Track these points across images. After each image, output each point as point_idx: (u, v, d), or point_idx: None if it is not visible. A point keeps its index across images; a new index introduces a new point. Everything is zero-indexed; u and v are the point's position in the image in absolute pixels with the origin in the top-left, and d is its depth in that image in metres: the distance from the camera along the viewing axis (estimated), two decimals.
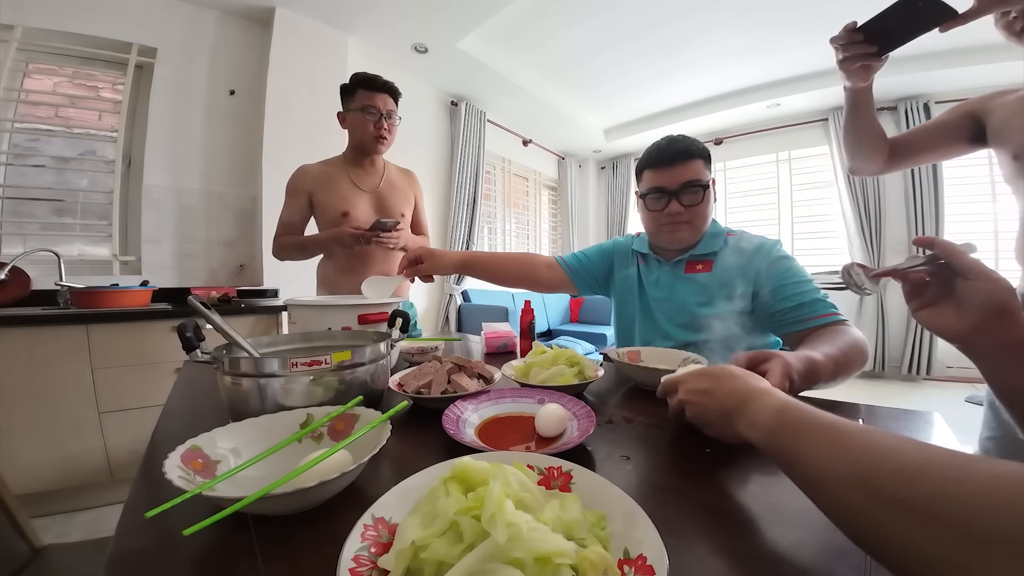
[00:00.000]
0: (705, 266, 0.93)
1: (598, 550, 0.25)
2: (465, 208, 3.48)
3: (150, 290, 1.81)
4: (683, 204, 0.90)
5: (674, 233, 0.93)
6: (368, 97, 1.27)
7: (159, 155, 2.10)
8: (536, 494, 0.28)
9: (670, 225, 0.93)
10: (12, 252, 1.71)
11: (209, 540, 0.31)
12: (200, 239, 2.26)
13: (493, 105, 3.63)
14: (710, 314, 0.88)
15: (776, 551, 0.31)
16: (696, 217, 0.91)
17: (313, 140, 2.29)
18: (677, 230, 0.93)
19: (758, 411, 0.38)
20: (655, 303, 0.98)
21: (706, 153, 0.92)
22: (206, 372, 0.76)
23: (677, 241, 0.95)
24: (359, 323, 0.79)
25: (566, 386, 0.63)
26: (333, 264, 1.38)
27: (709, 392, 0.45)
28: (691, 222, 0.91)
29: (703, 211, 0.91)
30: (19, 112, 1.86)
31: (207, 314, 0.57)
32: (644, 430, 0.54)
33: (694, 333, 0.90)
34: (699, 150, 0.91)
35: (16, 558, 0.63)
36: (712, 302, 0.89)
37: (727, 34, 2.76)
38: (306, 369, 0.51)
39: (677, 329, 0.93)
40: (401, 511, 0.30)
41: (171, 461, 0.34)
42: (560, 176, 5.06)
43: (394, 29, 2.57)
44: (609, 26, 2.70)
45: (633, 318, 1.02)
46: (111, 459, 1.53)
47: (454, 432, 0.47)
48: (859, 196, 3.48)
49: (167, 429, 0.56)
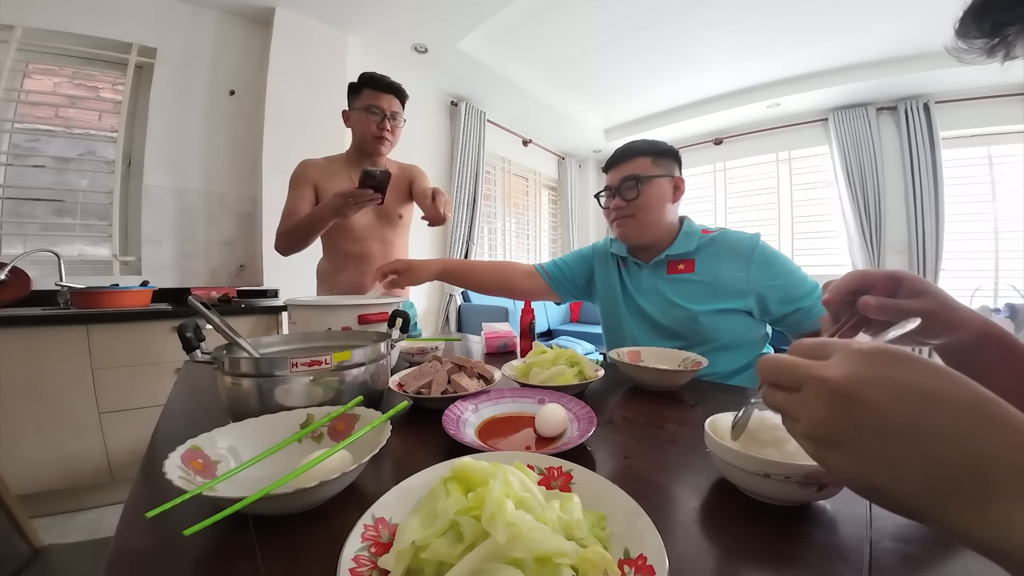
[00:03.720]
0: (687, 266, 0.94)
1: (598, 550, 0.25)
2: (465, 208, 3.48)
3: (150, 290, 1.81)
4: (624, 199, 0.93)
5: (620, 227, 0.97)
6: (373, 97, 1.26)
7: (159, 155, 2.10)
8: (536, 494, 0.28)
9: (617, 220, 0.96)
10: (12, 252, 1.71)
11: (209, 540, 0.31)
12: (200, 239, 2.26)
13: (493, 105, 3.62)
14: (702, 311, 0.88)
15: (776, 551, 0.31)
16: (639, 211, 0.93)
17: (313, 140, 2.29)
18: (622, 224, 0.96)
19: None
20: (644, 305, 0.98)
21: (657, 151, 0.94)
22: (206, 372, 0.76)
23: (625, 236, 0.98)
24: (359, 323, 0.79)
25: (566, 386, 0.63)
26: (332, 264, 1.38)
27: (887, 432, 0.21)
28: (635, 216, 0.93)
29: (643, 204, 0.92)
30: (19, 112, 1.86)
31: (207, 314, 0.57)
32: (644, 430, 0.54)
33: (689, 332, 0.90)
34: (643, 148, 0.94)
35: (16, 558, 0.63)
36: (702, 300, 0.89)
37: (727, 34, 2.76)
38: (306, 369, 0.51)
39: (671, 330, 0.93)
40: (401, 511, 0.30)
41: (171, 461, 0.34)
42: (560, 176, 5.06)
43: (394, 29, 2.57)
44: (609, 26, 2.70)
45: (622, 322, 1.02)
46: (111, 459, 1.53)
47: (454, 432, 0.47)
48: (859, 196, 3.48)
49: (167, 429, 0.56)
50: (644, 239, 0.96)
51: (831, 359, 0.24)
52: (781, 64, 3.14)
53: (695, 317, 0.88)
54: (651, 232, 0.95)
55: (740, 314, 0.89)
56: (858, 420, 0.21)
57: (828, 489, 0.33)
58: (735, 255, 0.89)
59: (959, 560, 0.29)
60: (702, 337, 0.89)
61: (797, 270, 0.87)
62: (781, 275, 0.86)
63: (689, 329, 0.90)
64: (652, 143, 0.95)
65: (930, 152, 3.20)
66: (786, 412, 0.25)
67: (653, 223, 0.94)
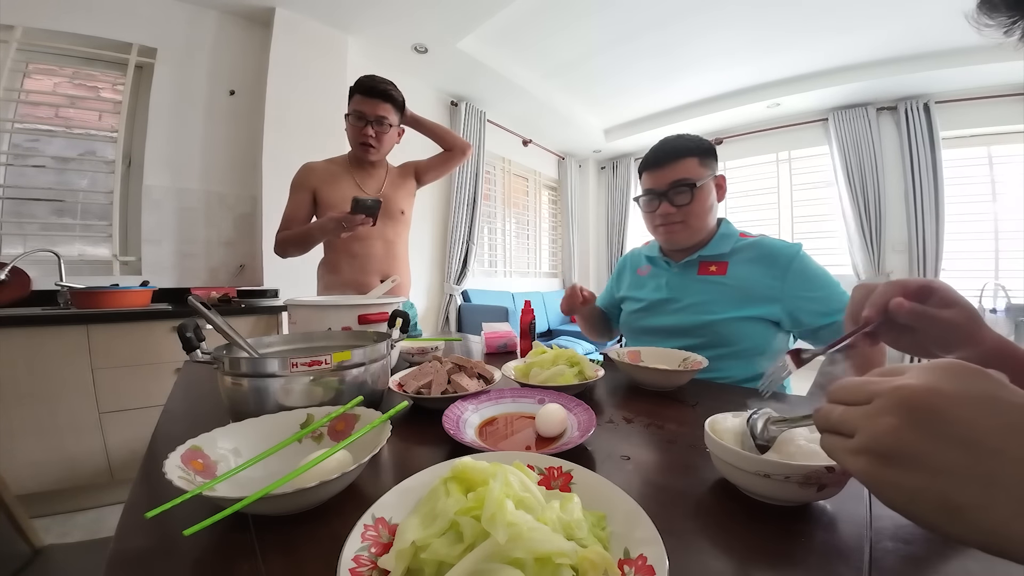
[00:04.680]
0: (719, 268, 0.90)
1: (598, 550, 0.25)
2: (465, 208, 3.48)
3: (150, 290, 1.81)
4: (674, 204, 0.89)
5: (669, 235, 0.93)
6: (359, 102, 1.26)
7: (159, 155, 2.10)
8: (536, 494, 0.28)
9: (664, 227, 0.92)
10: (12, 252, 1.71)
11: (209, 540, 0.31)
12: (200, 239, 2.26)
13: (493, 105, 3.63)
14: (729, 317, 0.86)
15: (776, 551, 0.31)
16: (690, 217, 0.89)
17: (313, 140, 2.29)
18: (671, 231, 0.92)
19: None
20: (665, 304, 0.95)
21: (703, 150, 0.89)
22: (206, 372, 0.76)
23: (673, 242, 0.94)
24: (359, 323, 0.79)
25: (566, 386, 0.63)
26: (332, 264, 1.38)
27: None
28: (685, 222, 0.90)
29: (696, 210, 0.89)
30: (19, 112, 1.86)
31: (207, 314, 0.57)
32: (644, 430, 0.54)
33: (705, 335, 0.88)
34: (690, 148, 0.88)
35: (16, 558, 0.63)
36: (728, 306, 0.86)
37: (727, 34, 2.76)
38: (306, 369, 0.51)
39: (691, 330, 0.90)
40: (401, 511, 0.30)
41: (171, 461, 0.34)
42: (560, 176, 5.06)
43: (394, 29, 2.57)
44: (609, 26, 2.70)
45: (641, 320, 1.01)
46: (111, 459, 1.53)
47: (454, 432, 0.47)
48: (859, 196, 3.48)
49: (167, 429, 0.56)
50: (690, 244, 0.94)
51: (906, 372, 0.23)
52: (781, 64, 3.14)
53: (722, 319, 0.86)
54: (698, 237, 0.93)
55: (764, 322, 0.86)
56: (941, 433, 0.20)
57: (828, 489, 0.33)
58: (772, 262, 0.86)
59: (959, 560, 0.29)
60: (718, 341, 0.86)
61: (836, 285, 0.83)
62: (818, 288, 0.82)
63: (706, 332, 0.88)
64: (697, 141, 0.90)
65: (930, 152, 3.21)
66: (841, 426, 0.24)
67: (702, 228, 0.91)
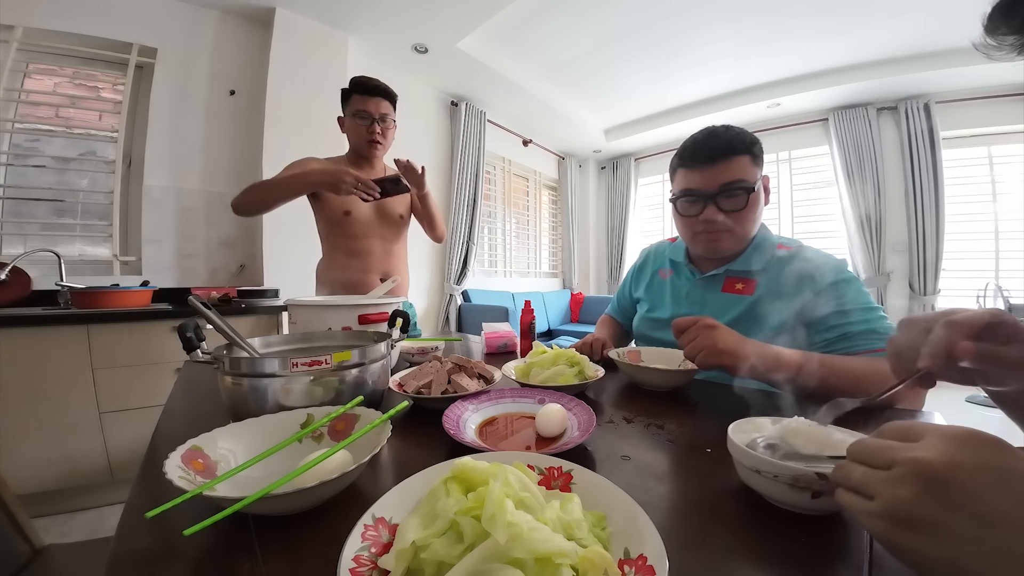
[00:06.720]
0: (746, 286, 0.79)
1: (598, 550, 0.25)
2: (465, 208, 3.48)
3: (150, 290, 1.81)
4: (722, 209, 0.76)
5: (711, 243, 0.80)
6: (361, 101, 1.27)
7: (159, 155, 2.10)
8: (536, 494, 0.28)
9: (707, 234, 0.79)
10: (12, 252, 1.71)
11: (209, 540, 0.31)
12: (200, 239, 2.26)
13: (493, 105, 3.63)
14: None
15: (776, 551, 0.31)
16: (739, 224, 0.77)
17: (313, 140, 2.28)
18: (715, 240, 0.79)
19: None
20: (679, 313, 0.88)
21: (755, 147, 0.77)
22: (206, 372, 0.76)
23: (715, 251, 0.82)
24: (359, 323, 0.79)
25: (566, 386, 0.63)
26: (331, 263, 1.38)
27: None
28: (732, 230, 0.78)
29: (748, 217, 0.77)
30: (19, 112, 1.86)
31: (207, 314, 0.57)
32: (644, 430, 0.54)
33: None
34: (744, 144, 0.76)
35: (17, 558, 0.63)
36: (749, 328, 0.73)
37: (727, 34, 2.76)
38: (306, 369, 0.51)
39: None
40: (401, 511, 0.30)
41: (171, 461, 0.34)
42: (560, 176, 5.06)
43: (394, 29, 2.57)
44: (609, 26, 2.70)
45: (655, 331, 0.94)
46: (111, 459, 1.53)
47: (454, 432, 0.47)
48: (859, 196, 3.48)
49: (167, 429, 0.56)
50: (730, 253, 0.82)
51: (924, 440, 0.23)
52: (781, 64, 3.14)
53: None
54: (741, 246, 0.81)
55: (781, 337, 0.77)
56: (955, 504, 0.21)
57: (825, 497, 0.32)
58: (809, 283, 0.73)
59: None
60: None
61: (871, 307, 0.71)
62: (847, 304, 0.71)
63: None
64: (748, 135, 0.77)
65: (930, 152, 3.21)
66: (862, 488, 0.25)
67: (747, 237, 0.79)
